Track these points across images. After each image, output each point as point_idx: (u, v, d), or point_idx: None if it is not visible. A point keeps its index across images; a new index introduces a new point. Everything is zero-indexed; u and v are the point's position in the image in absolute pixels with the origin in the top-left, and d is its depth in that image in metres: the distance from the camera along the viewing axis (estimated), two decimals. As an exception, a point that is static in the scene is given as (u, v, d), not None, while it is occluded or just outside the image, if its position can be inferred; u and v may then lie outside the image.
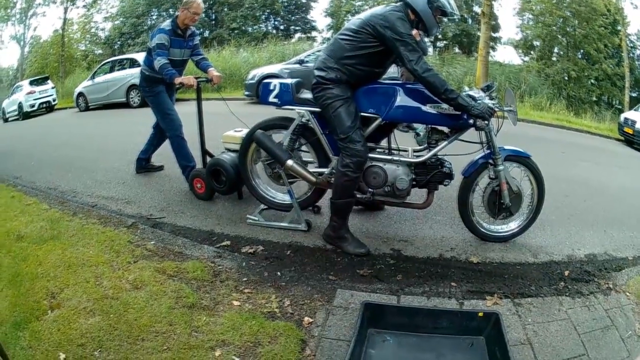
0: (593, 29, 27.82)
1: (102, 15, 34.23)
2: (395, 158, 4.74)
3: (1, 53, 38.26)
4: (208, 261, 4.40)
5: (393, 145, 4.94)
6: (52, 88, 22.14)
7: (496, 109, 4.52)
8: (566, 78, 28.23)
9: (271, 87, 4.94)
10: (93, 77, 19.68)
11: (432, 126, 4.75)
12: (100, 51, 33.78)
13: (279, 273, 4.25)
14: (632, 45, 29.62)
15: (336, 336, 3.38)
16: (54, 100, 21.76)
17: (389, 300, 3.83)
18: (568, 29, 28.91)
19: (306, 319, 3.57)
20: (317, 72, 4.58)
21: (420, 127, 4.87)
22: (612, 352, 3.38)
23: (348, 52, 4.47)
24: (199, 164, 6.27)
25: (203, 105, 6.13)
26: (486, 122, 4.48)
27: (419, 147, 4.89)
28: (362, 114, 4.61)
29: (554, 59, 29.84)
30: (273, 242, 4.89)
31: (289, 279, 4.16)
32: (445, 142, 4.70)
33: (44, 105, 21.16)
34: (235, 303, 3.72)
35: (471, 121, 4.53)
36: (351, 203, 4.75)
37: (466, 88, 4.87)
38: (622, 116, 17.16)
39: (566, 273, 4.46)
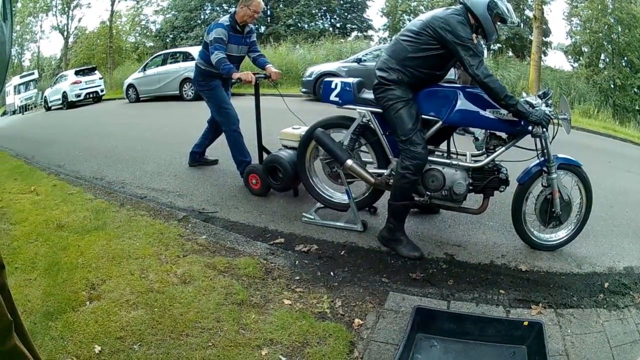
0: (635, 36, 27.46)
1: (152, 9, 34.68)
2: (454, 162, 4.73)
3: (42, 43, 38.80)
4: (260, 258, 4.41)
5: (452, 149, 4.93)
6: (100, 79, 22.49)
7: (552, 117, 4.50)
8: (612, 86, 27.88)
9: (332, 86, 4.96)
10: (144, 69, 19.92)
11: (491, 131, 4.74)
12: (151, 44, 34.25)
13: (331, 273, 4.26)
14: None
15: (385, 339, 3.37)
16: (101, 91, 22.14)
17: (440, 305, 3.83)
18: (613, 36, 28.55)
19: (356, 320, 3.56)
20: (378, 73, 4.59)
21: (479, 132, 4.86)
22: (636, 366, 3.37)
23: (410, 53, 4.48)
24: (254, 160, 6.30)
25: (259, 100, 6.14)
26: (544, 129, 4.45)
27: (477, 152, 4.88)
28: (423, 116, 4.62)
29: (601, 66, 29.50)
30: (327, 241, 4.90)
31: (342, 279, 4.16)
32: (503, 148, 4.66)
33: (91, 95, 21.47)
34: (286, 302, 3.72)
35: (529, 128, 4.50)
36: (409, 206, 4.76)
37: (524, 94, 4.84)
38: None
39: (606, 285, 4.41)
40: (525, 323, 3.40)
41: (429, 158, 4.66)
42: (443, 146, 5.00)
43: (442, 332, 3.41)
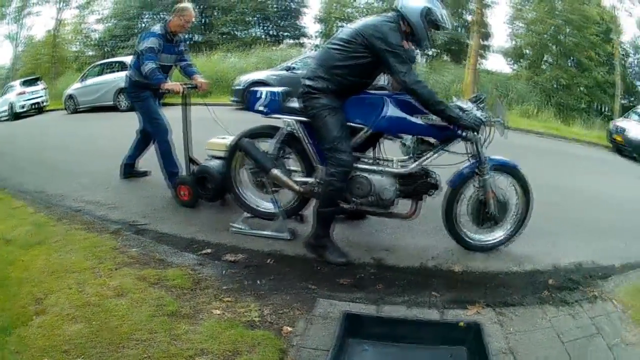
0: (585, 37, 28.05)
1: (95, 17, 34.30)
2: (381, 168, 4.75)
3: (-4, 52, 38.29)
4: (189, 269, 4.39)
5: (379, 155, 4.95)
6: (44, 89, 22.18)
7: (485, 120, 4.55)
8: (556, 86, 28.45)
9: (259, 95, 4.95)
10: (83, 80, 19.66)
11: (420, 137, 4.77)
12: (91, 53, 33.86)
13: (259, 282, 4.24)
14: (624, 53, 29.87)
15: (315, 346, 3.37)
16: (44, 102, 21.76)
17: (369, 310, 3.83)
18: (559, 37, 29.12)
19: (286, 328, 3.56)
20: (306, 82, 4.59)
21: (407, 138, 4.87)
22: (598, 360, 3.40)
23: (338, 61, 4.48)
24: (183, 171, 6.28)
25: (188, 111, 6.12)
26: (475, 133, 4.50)
27: (405, 158, 4.90)
28: (350, 124, 4.62)
29: (543, 67, 30.14)
30: (254, 250, 4.87)
31: (269, 287, 4.15)
32: (432, 153, 4.71)
33: (35, 106, 21.18)
34: (216, 312, 3.71)
35: (460, 132, 4.55)
36: (335, 212, 4.77)
37: (454, 99, 4.91)
38: (612, 124, 17.20)
39: (550, 282, 4.47)
40: (461, 324, 3.40)
41: (356, 165, 4.69)
42: (371, 153, 5.00)
43: (373, 336, 3.39)
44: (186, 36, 6.47)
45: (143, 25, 32.33)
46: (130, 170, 7.35)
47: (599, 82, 28.66)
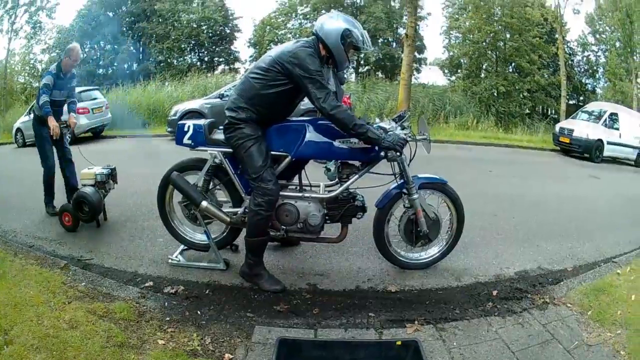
0: (526, 40, 28.34)
1: (41, 47, 33.83)
2: (307, 195, 4.83)
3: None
4: (133, 302, 4.45)
5: (304, 182, 5.02)
6: (-6, 123, 21.83)
7: (408, 139, 4.64)
8: (495, 94, 28.80)
9: (185, 129, 4.98)
10: (29, 112, 19.16)
11: (343, 161, 4.85)
12: (37, 84, 33.36)
13: (199, 312, 4.32)
14: (570, 52, 30.31)
15: (256, 372, 3.42)
16: (-5, 136, 21.43)
17: (306, 335, 3.92)
18: (498, 44, 29.39)
19: (227, 355, 3.66)
20: (228, 113, 4.64)
21: (331, 162, 4.95)
22: (556, 365, 3.49)
23: (258, 91, 4.54)
24: (64, 200, 7.06)
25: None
26: (398, 153, 4.55)
27: (330, 182, 4.97)
28: (273, 152, 4.69)
29: (482, 75, 30.45)
30: (192, 281, 4.95)
31: (209, 317, 4.24)
32: (356, 176, 4.79)
33: (-12, 141, 20.85)
34: (160, 342, 3.79)
35: (382, 153, 4.62)
36: (265, 241, 4.82)
37: (377, 120, 4.98)
38: (557, 126, 17.56)
39: (494, 293, 4.61)
40: (398, 342, 3.41)
41: (282, 193, 4.74)
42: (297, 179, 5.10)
43: (312, 361, 3.45)
44: (75, 72, 7.26)
45: (84, 55, 32.03)
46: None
47: (543, 85, 28.99)
